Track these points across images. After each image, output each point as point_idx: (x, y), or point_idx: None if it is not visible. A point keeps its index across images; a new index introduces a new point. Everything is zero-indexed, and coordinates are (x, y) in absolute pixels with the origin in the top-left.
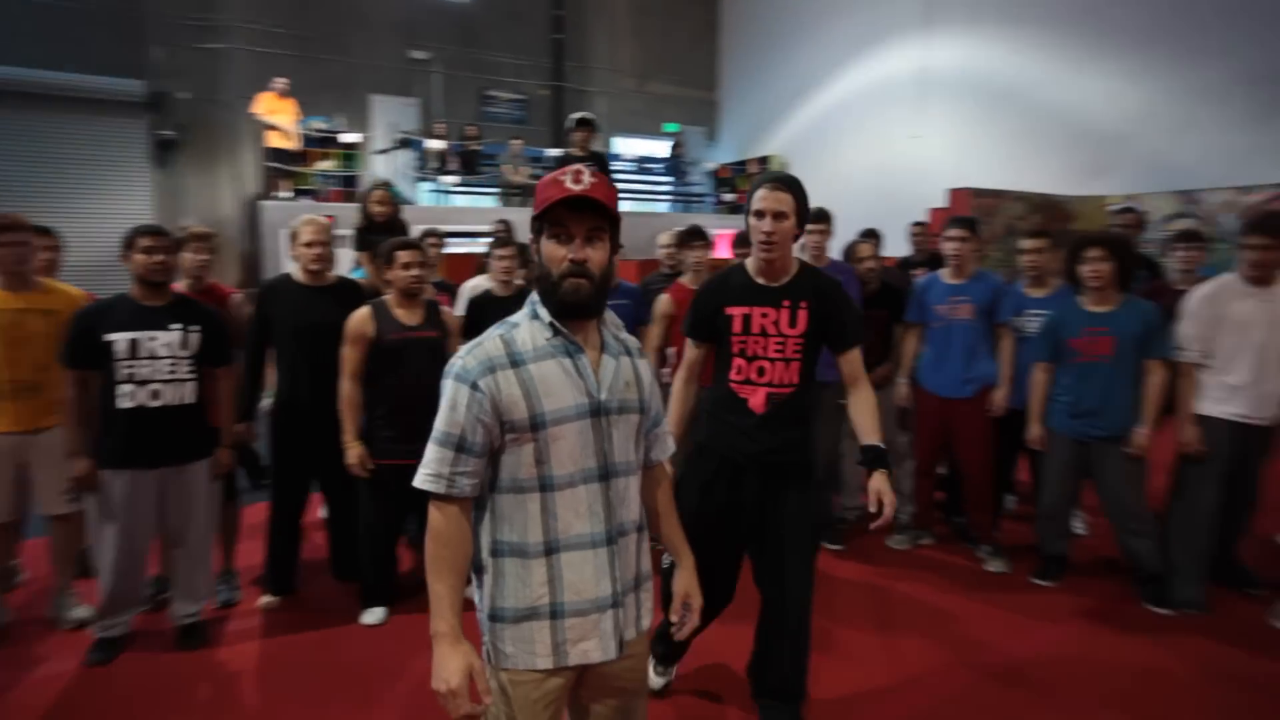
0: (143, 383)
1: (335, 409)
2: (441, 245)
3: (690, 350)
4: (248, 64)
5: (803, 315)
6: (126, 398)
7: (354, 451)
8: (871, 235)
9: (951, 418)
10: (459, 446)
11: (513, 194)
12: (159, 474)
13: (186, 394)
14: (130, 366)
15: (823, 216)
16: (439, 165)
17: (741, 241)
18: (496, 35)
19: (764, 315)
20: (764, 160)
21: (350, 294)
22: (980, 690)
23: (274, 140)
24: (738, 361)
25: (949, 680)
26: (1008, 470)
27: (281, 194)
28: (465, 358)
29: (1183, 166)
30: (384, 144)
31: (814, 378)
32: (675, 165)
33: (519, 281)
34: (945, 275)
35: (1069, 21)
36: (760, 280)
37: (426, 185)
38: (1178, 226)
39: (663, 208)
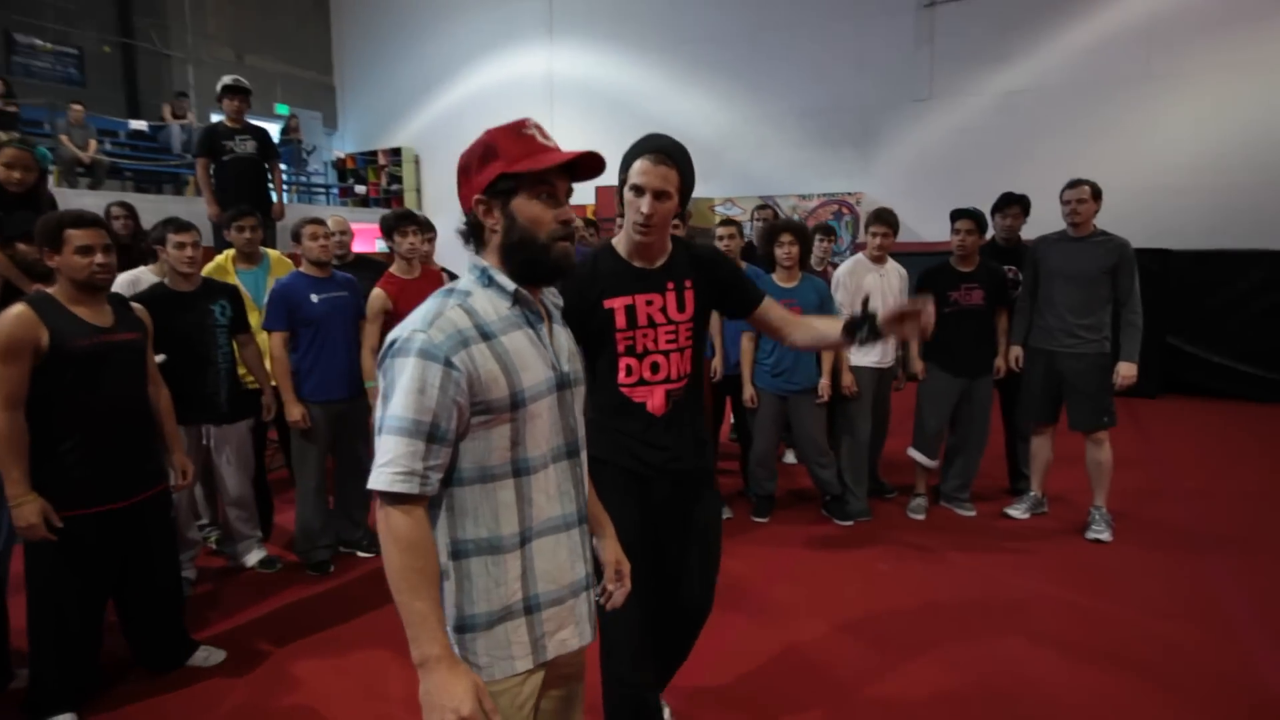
0: None
1: None
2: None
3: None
4: None
5: (689, 296)
6: None
7: (31, 507)
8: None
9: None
10: (430, 436)
11: (78, 172)
12: None
13: None
14: None
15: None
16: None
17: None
18: None
19: (649, 303)
20: (396, 152)
21: None
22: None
23: None
24: (626, 361)
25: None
26: (718, 428)
27: None
28: (427, 330)
29: (761, 176)
30: None
31: (702, 363)
32: (292, 151)
33: (204, 275)
34: None
35: (667, 47)
36: (637, 264)
37: None
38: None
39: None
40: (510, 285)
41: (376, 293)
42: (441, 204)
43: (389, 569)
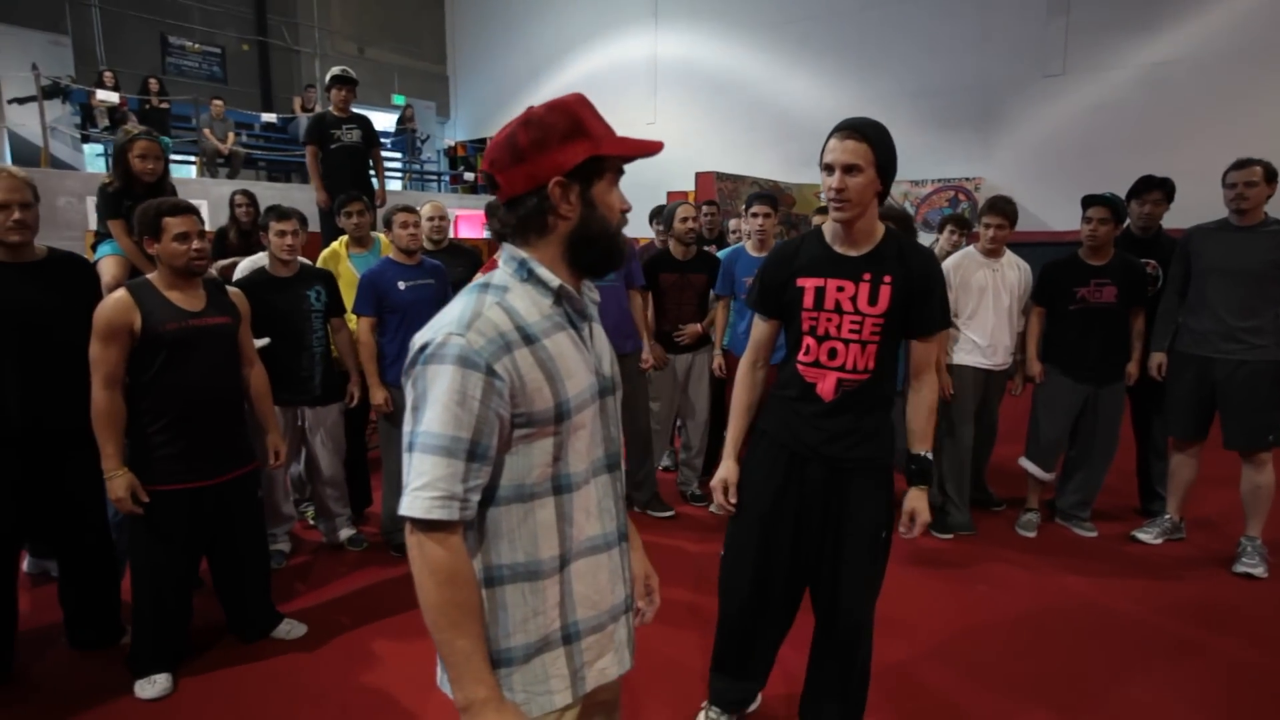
0: None
1: (58, 426)
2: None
3: (758, 327)
4: None
5: (885, 291)
6: None
7: (121, 481)
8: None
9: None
10: (471, 454)
11: (219, 163)
12: None
13: None
14: None
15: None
16: (112, 124)
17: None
18: None
19: (840, 289)
20: None
21: (69, 271)
22: None
23: None
24: (807, 340)
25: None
26: None
27: None
28: (465, 333)
29: None
30: (23, 91)
31: (894, 364)
32: (406, 140)
33: (303, 260)
34: (750, 249)
35: (773, 27)
36: (838, 248)
37: (95, 148)
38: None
39: (394, 185)
40: (555, 281)
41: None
42: None
43: (424, 604)
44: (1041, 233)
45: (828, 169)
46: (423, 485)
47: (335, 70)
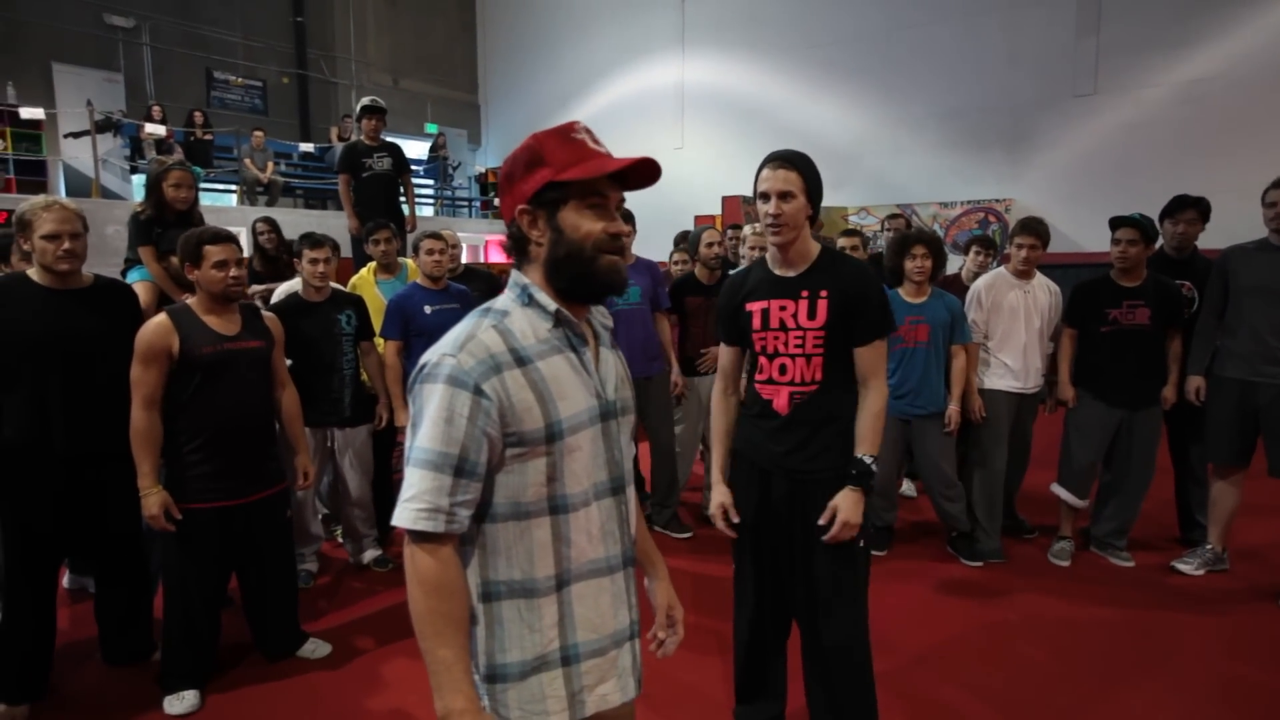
0: None
1: (99, 448)
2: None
3: (723, 354)
4: None
5: (822, 305)
6: None
7: (155, 499)
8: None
9: None
10: (459, 470)
11: (258, 192)
12: None
13: None
14: None
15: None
16: (159, 155)
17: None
18: (221, 8)
19: (782, 308)
20: None
21: (114, 298)
22: None
23: None
24: (761, 360)
25: None
26: None
27: None
28: (457, 354)
29: (898, 183)
30: (78, 125)
31: (845, 375)
32: (438, 168)
33: (335, 285)
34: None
35: (799, 52)
36: (778, 271)
37: (142, 178)
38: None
39: (426, 211)
40: (551, 305)
41: None
42: None
43: (413, 612)
44: (1074, 254)
45: (763, 197)
46: (411, 497)
47: (365, 100)
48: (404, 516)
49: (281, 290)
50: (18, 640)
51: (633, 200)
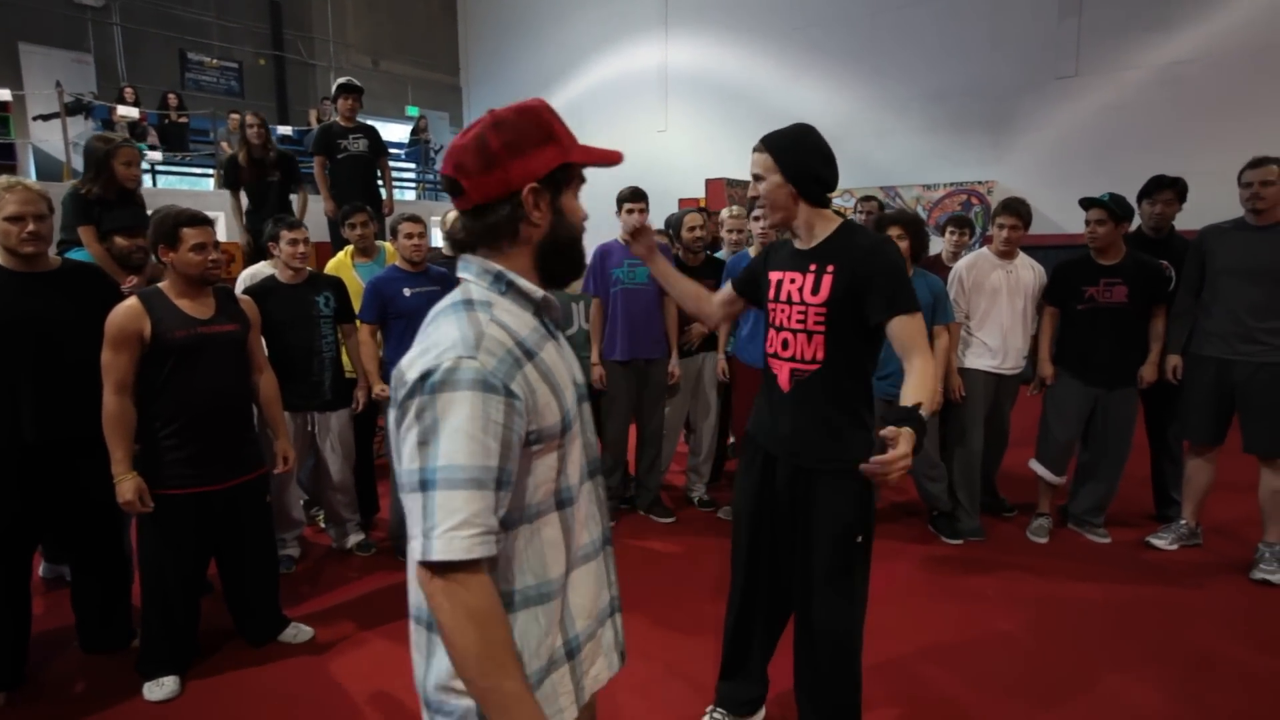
0: None
1: (70, 433)
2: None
3: (723, 290)
4: None
5: (826, 281)
6: None
7: (129, 484)
8: (704, 210)
9: None
10: (500, 482)
11: None
12: None
13: None
14: None
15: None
16: (133, 138)
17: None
18: None
19: (791, 281)
20: None
21: (83, 281)
22: None
23: None
24: (770, 332)
25: None
26: None
27: None
28: (478, 355)
29: (882, 166)
30: (48, 108)
31: (852, 360)
32: (420, 151)
33: (311, 268)
34: (754, 253)
35: (783, 34)
36: (796, 244)
37: None
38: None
39: (408, 195)
40: (537, 292)
41: None
42: None
43: (465, 653)
44: (1056, 235)
45: (753, 179)
46: (459, 524)
47: (341, 80)
48: (456, 548)
49: (245, 276)
50: None
51: (617, 183)
